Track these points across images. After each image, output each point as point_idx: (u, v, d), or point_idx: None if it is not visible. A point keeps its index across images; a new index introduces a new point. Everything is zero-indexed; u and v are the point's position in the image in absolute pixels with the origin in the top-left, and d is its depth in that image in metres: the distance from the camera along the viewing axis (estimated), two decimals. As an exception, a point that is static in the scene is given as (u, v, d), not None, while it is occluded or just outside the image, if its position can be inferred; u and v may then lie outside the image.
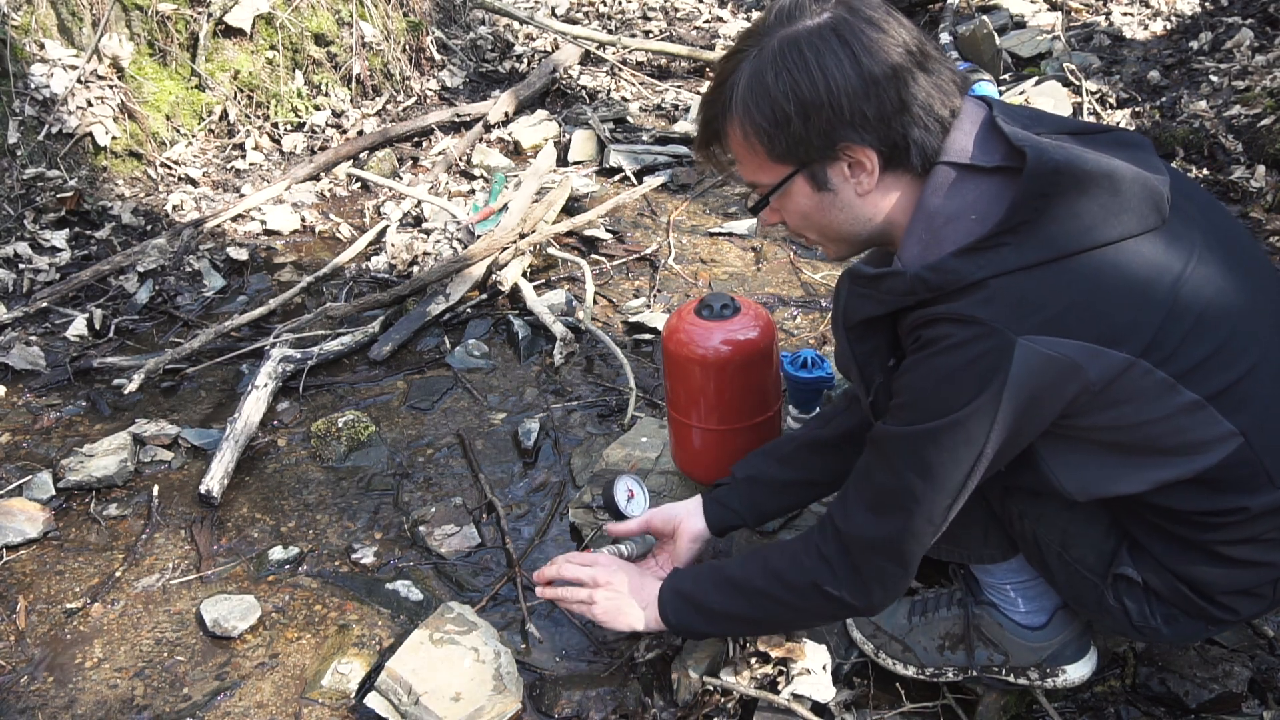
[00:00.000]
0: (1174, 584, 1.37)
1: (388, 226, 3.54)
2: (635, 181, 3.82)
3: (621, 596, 1.65)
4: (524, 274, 3.16)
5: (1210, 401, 1.21)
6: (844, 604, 1.41)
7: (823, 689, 1.63)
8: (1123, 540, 1.41)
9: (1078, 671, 1.59)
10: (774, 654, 1.67)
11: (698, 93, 4.76)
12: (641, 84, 4.86)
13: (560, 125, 4.38)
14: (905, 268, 1.24)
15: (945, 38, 4.78)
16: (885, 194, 1.29)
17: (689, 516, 1.73)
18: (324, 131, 4.35)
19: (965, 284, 1.18)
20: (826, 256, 1.43)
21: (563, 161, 4.09)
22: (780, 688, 1.64)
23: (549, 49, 5.30)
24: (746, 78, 1.25)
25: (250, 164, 4.10)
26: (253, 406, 2.51)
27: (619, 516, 1.90)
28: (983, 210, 1.21)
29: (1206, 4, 4.88)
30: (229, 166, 4.08)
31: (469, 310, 3.04)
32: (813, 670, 1.64)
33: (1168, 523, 1.34)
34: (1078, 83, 4.11)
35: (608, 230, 3.50)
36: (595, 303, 3.05)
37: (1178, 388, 1.20)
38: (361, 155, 4.14)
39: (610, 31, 5.49)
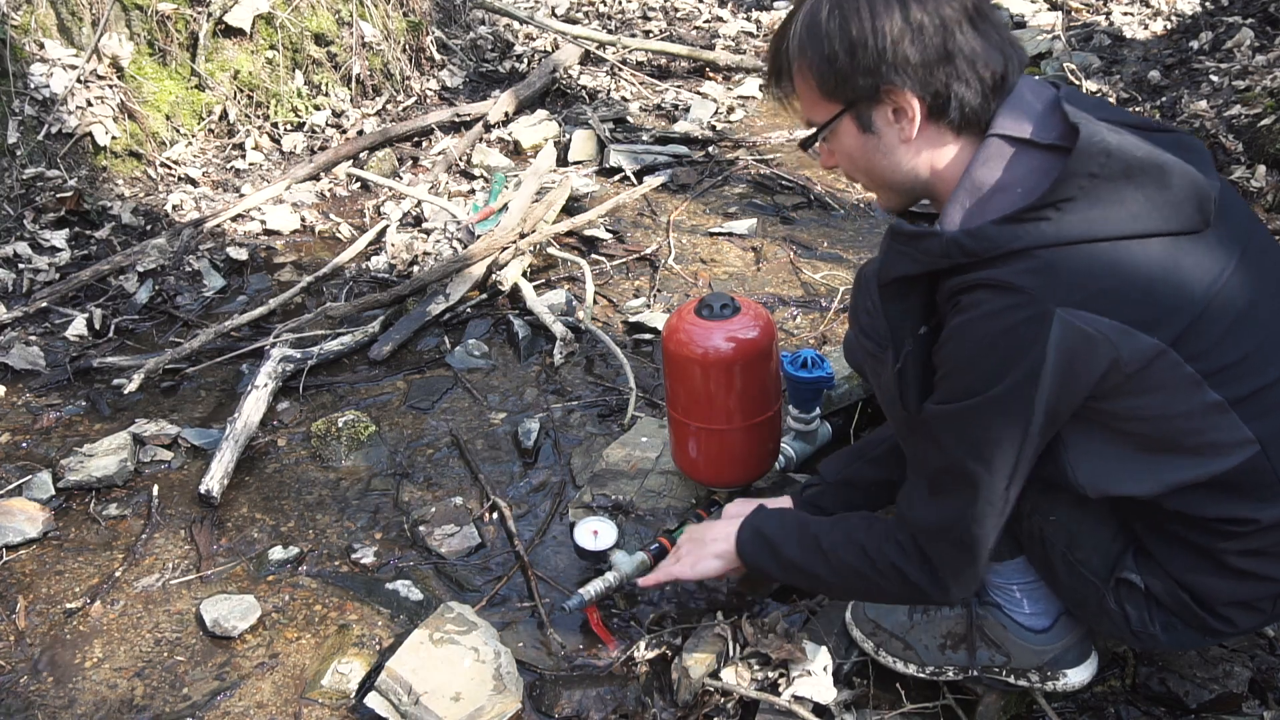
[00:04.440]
0: (1176, 591, 1.37)
1: (388, 226, 3.54)
2: (635, 181, 3.82)
3: (698, 546, 1.72)
4: (524, 274, 3.16)
5: (1233, 406, 1.22)
6: (922, 591, 1.42)
7: (824, 691, 1.63)
8: (1129, 545, 1.41)
9: (1078, 676, 1.59)
10: (775, 656, 1.67)
11: (698, 92, 4.76)
12: (641, 84, 4.86)
13: (560, 125, 4.38)
14: (944, 230, 1.24)
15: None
16: (929, 146, 1.30)
17: None
18: (324, 131, 4.35)
19: (1002, 252, 1.18)
20: (878, 205, 1.47)
21: (563, 161, 4.09)
22: (781, 689, 1.63)
23: (549, 49, 5.30)
24: (805, 15, 1.31)
25: (250, 164, 4.10)
26: (253, 406, 2.51)
27: (593, 557, 1.93)
28: (1030, 185, 1.21)
29: (1207, 4, 4.88)
30: (229, 166, 4.08)
31: (469, 310, 3.04)
32: (814, 672, 1.64)
33: (1178, 528, 1.35)
34: (1078, 82, 4.11)
35: (608, 230, 3.49)
36: (595, 303, 3.04)
37: (1204, 386, 1.20)
38: (361, 155, 4.14)
39: (610, 31, 5.49)
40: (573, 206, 3.63)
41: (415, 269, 3.29)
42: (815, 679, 1.63)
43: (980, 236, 1.20)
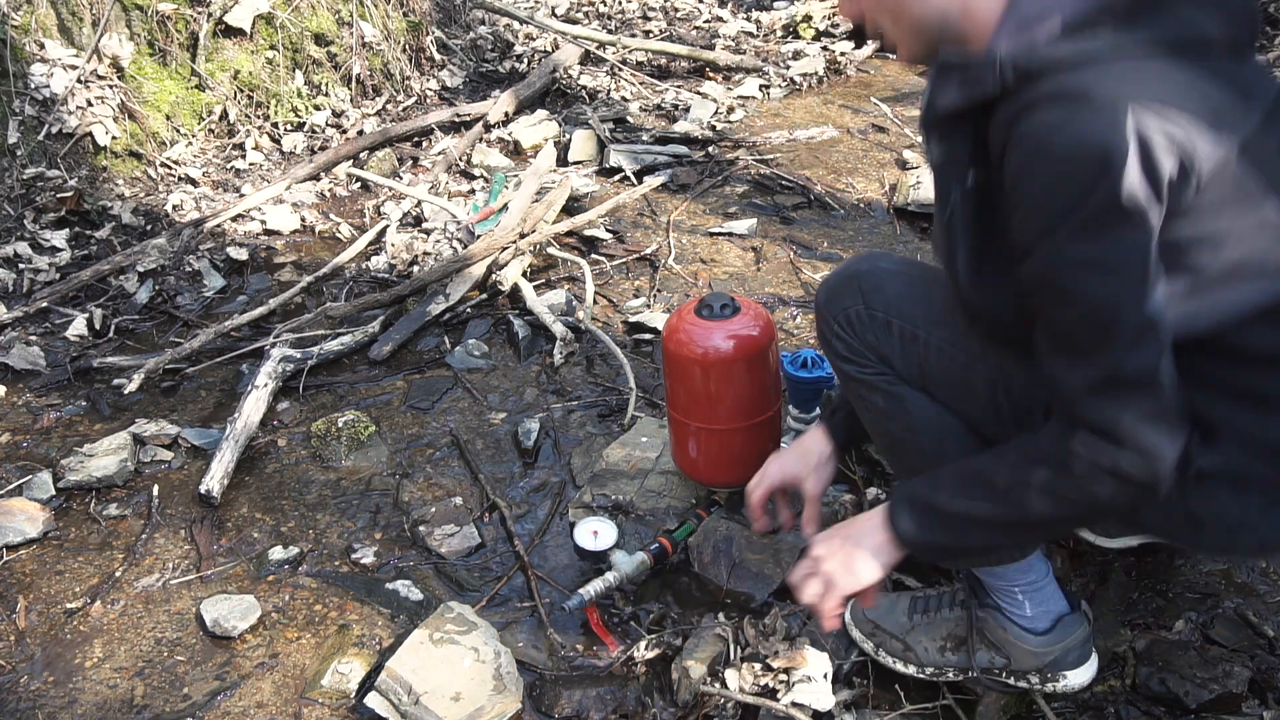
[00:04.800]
0: (1257, 456, 1.26)
1: (388, 226, 3.54)
2: (635, 181, 3.82)
3: (848, 549, 1.45)
4: (524, 274, 3.16)
5: None
6: (1128, 478, 1.19)
7: (823, 697, 1.63)
8: (1189, 435, 1.25)
9: (1078, 678, 1.58)
10: (776, 665, 1.66)
11: (698, 92, 4.76)
12: (641, 84, 4.86)
13: (560, 125, 4.38)
14: (996, 53, 1.17)
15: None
16: None
17: (818, 443, 1.70)
18: (324, 131, 4.35)
19: (1058, 66, 1.12)
20: (899, 57, 1.38)
21: (563, 161, 4.09)
22: (780, 695, 1.63)
23: (549, 49, 5.30)
24: None
25: (250, 164, 4.10)
26: (253, 406, 2.51)
27: (593, 557, 1.93)
28: (1079, 7, 1.16)
29: (1206, 4, 4.87)
30: (229, 166, 4.08)
31: (469, 310, 3.04)
32: (814, 679, 1.64)
33: (1240, 376, 1.25)
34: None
35: (608, 230, 3.49)
36: (595, 303, 3.04)
37: (1264, 203, 1.14)
38: (361, 155, 4.14)
39: (610, 31, 5.49)
40: (573, 206, 3.63)
41: (415, 269, 3.29)
42: (815, 685, 1.63)
43: (1034, 53, 1.14)
